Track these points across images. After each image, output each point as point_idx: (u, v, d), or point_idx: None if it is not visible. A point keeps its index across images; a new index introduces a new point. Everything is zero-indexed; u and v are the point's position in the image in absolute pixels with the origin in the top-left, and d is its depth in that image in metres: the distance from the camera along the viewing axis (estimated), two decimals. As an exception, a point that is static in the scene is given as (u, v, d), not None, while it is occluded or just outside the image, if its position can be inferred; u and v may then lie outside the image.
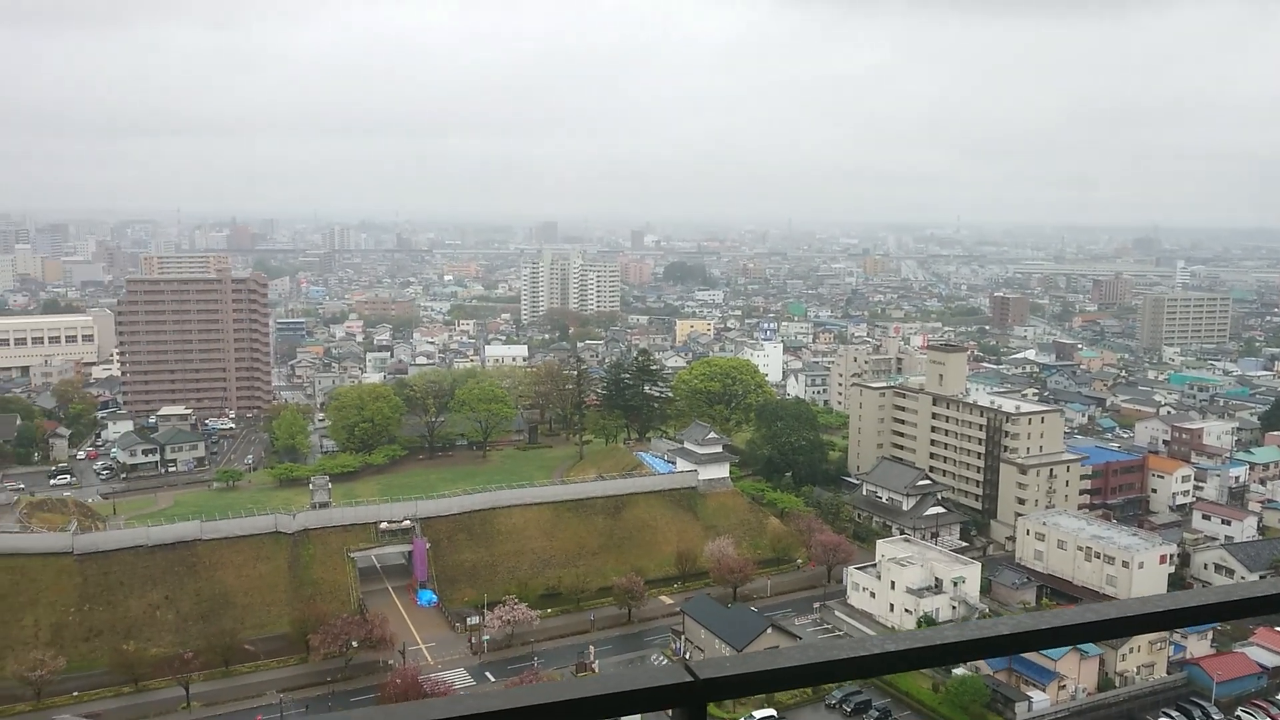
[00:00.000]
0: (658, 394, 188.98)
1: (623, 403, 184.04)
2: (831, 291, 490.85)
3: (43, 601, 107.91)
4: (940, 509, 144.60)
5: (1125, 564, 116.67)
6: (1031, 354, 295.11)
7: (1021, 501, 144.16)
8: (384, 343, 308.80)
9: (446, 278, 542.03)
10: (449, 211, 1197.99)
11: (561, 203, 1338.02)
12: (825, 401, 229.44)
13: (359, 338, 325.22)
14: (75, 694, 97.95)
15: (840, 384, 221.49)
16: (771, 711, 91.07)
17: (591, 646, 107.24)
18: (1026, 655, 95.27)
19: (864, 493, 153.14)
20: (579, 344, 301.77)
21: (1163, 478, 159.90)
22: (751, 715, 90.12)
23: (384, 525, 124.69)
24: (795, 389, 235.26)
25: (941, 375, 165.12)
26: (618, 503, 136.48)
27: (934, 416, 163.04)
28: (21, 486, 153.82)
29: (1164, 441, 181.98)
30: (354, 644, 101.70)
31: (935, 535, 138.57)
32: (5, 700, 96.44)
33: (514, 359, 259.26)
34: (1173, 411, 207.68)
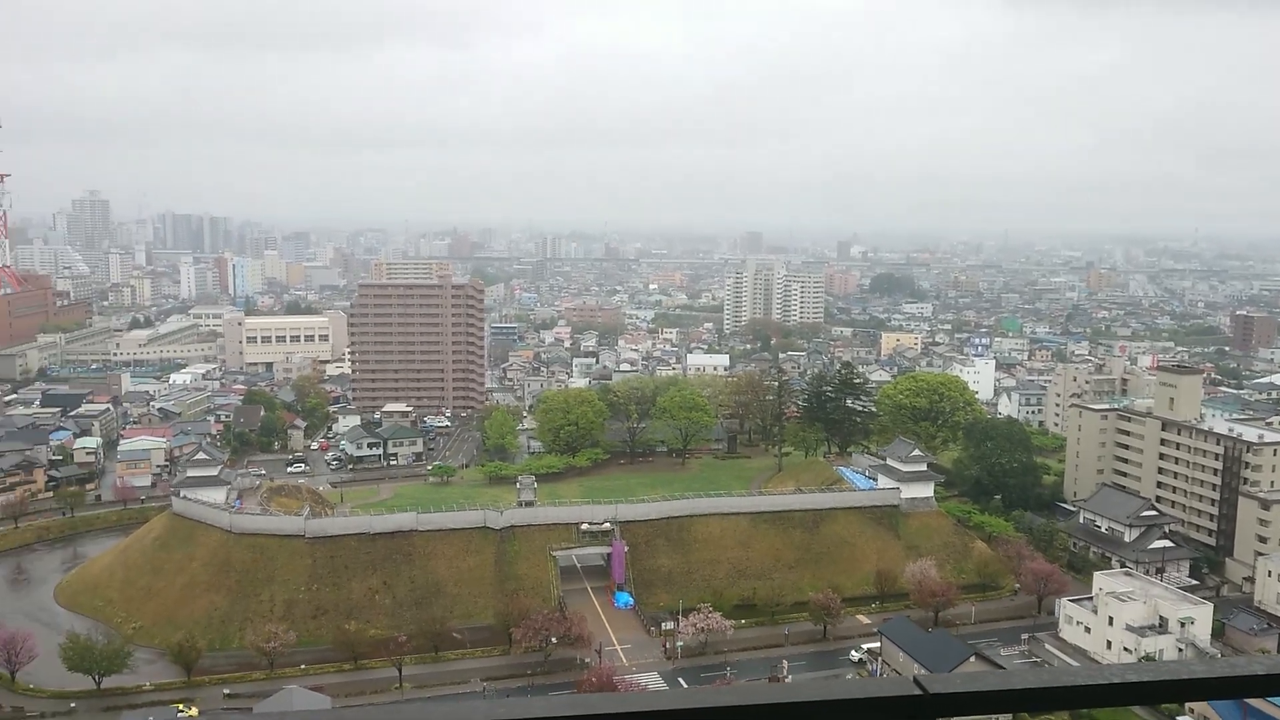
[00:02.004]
0: (860, 408, 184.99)
1: (823, 415, 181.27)
2: (1050, 306, 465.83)
3: (278, 579, 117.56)
4: (1167, 543, 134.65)
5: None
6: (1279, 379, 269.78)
7: (1263, 540, 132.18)
8: (590, 349, 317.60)
9: (651, 286, 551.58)
10: (655, 221, 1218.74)
11: (767, 213, 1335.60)
12: (1040, 422, 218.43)
13: (567, 343, 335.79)
14: (303, 666, 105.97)
15: (1058, 404, 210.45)
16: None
17: (785, 661, 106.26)
18: (1262, 708, 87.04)
19: (1081, 521, 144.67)
20: (780, 355, 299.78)
21: None
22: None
23: (585, 526, 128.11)
24: (1007, 408, 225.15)
25: (1173, 399, 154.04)
26: (816, 517, 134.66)
27: (1163, 443, 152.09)
28: (263, 472, 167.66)
29: None
30: (553, 640, 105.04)
31: (1160, 571, 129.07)
32: (244, 667, 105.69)
33: (715, 368, 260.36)
34: None
